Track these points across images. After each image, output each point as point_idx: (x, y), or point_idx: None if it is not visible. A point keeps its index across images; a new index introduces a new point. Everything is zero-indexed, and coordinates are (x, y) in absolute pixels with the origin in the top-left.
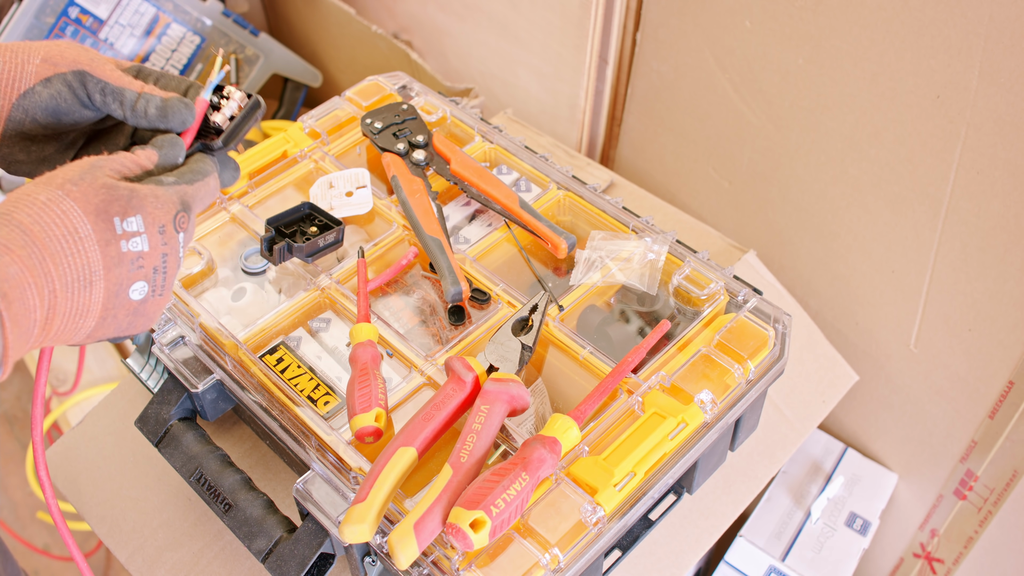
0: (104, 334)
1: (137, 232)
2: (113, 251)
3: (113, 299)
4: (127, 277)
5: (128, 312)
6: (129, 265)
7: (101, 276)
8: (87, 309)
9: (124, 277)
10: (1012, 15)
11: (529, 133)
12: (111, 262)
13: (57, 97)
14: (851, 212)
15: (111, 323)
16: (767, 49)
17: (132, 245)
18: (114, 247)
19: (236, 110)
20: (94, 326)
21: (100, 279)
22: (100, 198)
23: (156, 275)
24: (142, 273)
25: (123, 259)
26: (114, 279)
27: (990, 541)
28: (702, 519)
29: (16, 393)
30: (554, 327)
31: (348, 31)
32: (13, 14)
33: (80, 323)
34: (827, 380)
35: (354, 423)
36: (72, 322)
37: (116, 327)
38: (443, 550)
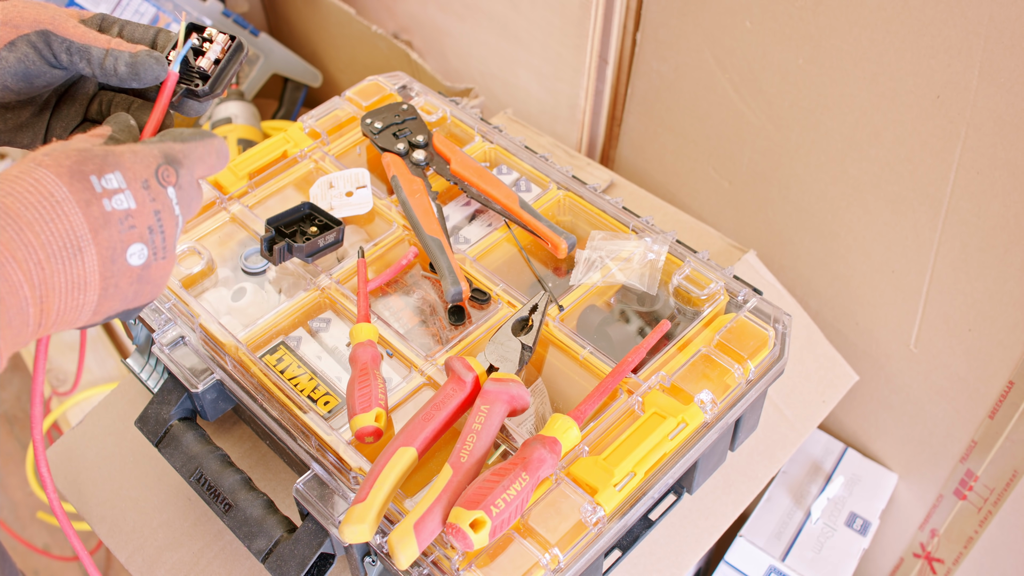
0: (111, 308)
1: (119, 189)
2: (96, 211)
3: (110, 265)
4: (119, 239)
5: (131, 279)
6: (118, 225)
7: (89, 240)
8: (83, 280)
9: (116, 239)
10: (1012, 15)
11: (529, 133)
12: (96, 223)
13: (25, 60)
14: (851, 212)
15: (115, 294)
16: (767, 49)
17: (116, 203)
18: (96, 207)
19: (220, 53)
20: (97, 300)
21: (89, 244)
22: (72, 160)
23: (153, 235)
24: (136, 234)
25: (109, 219)
26: (105, 242)
27: (990, 541)
28: (702, 519)
29: (16, 393)
30: (554, 327)
31: (348, 31)
32: None
33: (81, 298)
34: (827, 380)
35: (354, 423)
36: (72, 297)
37: (122, 298)
38: (443, 550)
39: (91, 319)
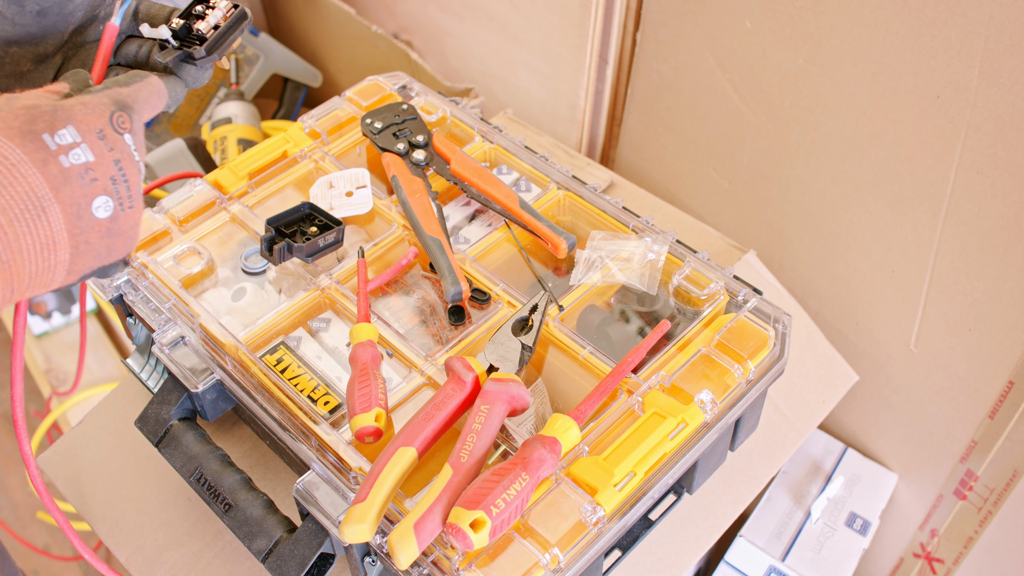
0: (86, 264)
1: (74, 143)
2: (54, 169)
3: (77, 221)
4: (83, 194)
5: (101, 233)
6: (79, 180)
7: (52, 199)
8: (51, 240)
9: (79, 194)
10: (1012, 15)
11: (529, 133)
12: (56, 181)
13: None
14: (851, 212)
15: (87, 250)
16: (767, 49)
17: (74, 158)
18: (54, 164)
19: (221, 19)
20: (69, 258)
21: (52, 202)
22: (21, 120)
23: (117, 185)
24: (99, 186)
25: (69, 175)
26: (68, 199)
27: (990, 541)
28: (702, 519)
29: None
30: (554, 327)
31: (348, 31)
32: None
33: (52, 258)
34: (827, 380)
35: (354, 423)
36: (42, 258)
37: (95, 254)
38: (443, 550)
39: (66, 279)
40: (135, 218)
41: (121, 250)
